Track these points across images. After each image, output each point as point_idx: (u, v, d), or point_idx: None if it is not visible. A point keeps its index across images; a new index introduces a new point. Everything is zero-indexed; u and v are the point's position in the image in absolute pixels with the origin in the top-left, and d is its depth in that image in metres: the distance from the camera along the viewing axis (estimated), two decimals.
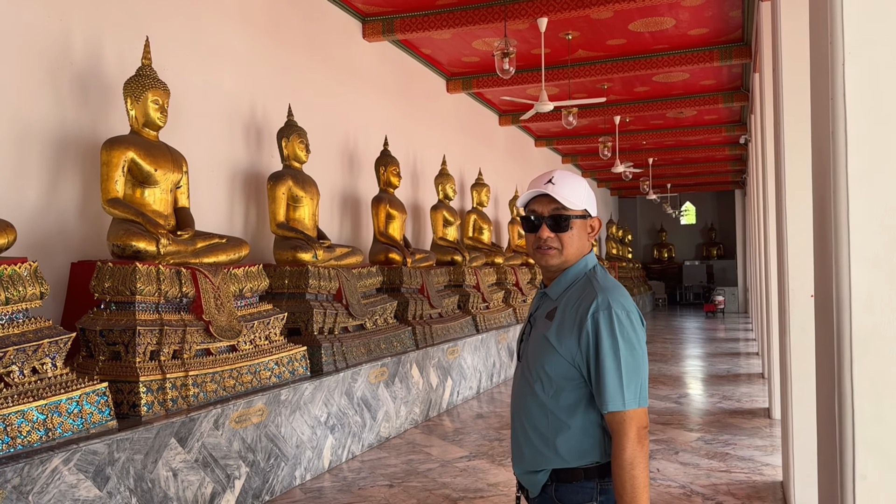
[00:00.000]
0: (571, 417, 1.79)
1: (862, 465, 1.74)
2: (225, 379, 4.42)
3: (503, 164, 13.27)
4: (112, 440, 3.42)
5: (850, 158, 1.74)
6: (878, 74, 1.72)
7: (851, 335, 1.74)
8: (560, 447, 1.80)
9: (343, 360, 5.68)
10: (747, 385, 8.54)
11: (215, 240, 4.79)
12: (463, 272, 9.02)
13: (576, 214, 1.86)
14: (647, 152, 16.80)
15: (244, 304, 4.90)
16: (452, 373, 7.64)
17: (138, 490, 3.54)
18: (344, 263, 6.33)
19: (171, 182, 4.67)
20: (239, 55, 6.15)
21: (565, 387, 1.79)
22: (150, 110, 4.53)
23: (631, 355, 1.72)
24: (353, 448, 5.59)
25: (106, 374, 3.89)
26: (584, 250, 1.90)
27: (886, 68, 1.72)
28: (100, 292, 4.12)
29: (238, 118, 6.14)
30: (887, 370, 1.71)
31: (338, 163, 7.68)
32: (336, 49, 7.66)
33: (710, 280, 24.56)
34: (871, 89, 1.72)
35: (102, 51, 4.83)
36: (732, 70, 10.58)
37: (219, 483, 4.10)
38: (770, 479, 4.79)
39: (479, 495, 4.58)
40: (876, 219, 1.72)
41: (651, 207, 25.82)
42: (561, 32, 8.74)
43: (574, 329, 1.77)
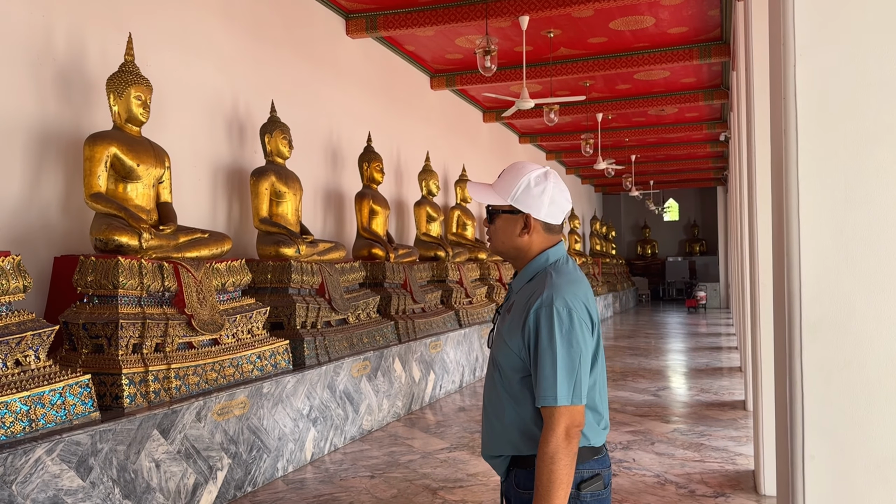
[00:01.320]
0: (522, 406, 1.82)
1: (811, 446, 1.83)
2: (207, 372, 4.48)
3: (487, 160, 13.35)
4: (95, 431, 3.47)
5: (800, 155, 1.82)
6: (827, 75, 1.81)
7: (801, 323, 1.83)
8: (513, 434, 1.85)
9: (325, 354, 5.75)
10: (726, 378, 8.68)
11: (198, 234, 4.84)
12: (446, 267, 9.09)
13: (501, 209, 1.90)
14: (629, 149, 16.96)
15: (226, 298, 4.95)
16: (435, 367, 7.73)
17: (121, 480, 3.60)
18: (327, 258, 6.39)
19: (154, 177, 4.71)
20: (222, 51, 6.19)
21: (514, 378, 1.83)
22: (133, 106, 4.57)
23: (567, 353, 1.73)
24: (336, 440, 5.66)
25: (89, 367, 3.94)
26: (518, 245, 1.91)
27: (835, 69, 1.81)
28: (83, 286, 4.17)
29: (221, 114, 6.18)
30: (834, 356, 1.80)
31: (321, 159, 7.73)
32: (319, 45, 7.71)
33: (693, 276, 24.79)
34: (820, 89, 1.81)
35: (85, 47, 4.86)
36: (712, 68, 10.72)
37: (201, 474, 4.16)
38: (742, 468, 4.91)
39: (459, 485, 4.66)
40: (824, 213, 1.81)
41: (634, 204, 26.01)
42: (543, 30, 8.83)
43: (520, 323, 1.80)
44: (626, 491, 4.45)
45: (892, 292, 1.73)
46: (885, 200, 1.73)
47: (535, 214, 1.88)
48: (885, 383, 1.75)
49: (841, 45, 1.81)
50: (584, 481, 1.82)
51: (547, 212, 1.89)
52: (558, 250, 1.94)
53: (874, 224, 1.74)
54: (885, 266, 1.73)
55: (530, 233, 1.89)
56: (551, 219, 1.90)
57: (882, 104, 1.73)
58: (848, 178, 1.77)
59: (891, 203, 1.72)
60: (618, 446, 5.49)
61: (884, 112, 1.73)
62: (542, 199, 1.87)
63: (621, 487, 4.51)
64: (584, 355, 1.75)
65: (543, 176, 1.89)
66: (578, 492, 1.80)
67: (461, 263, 9.77)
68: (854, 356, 1.78)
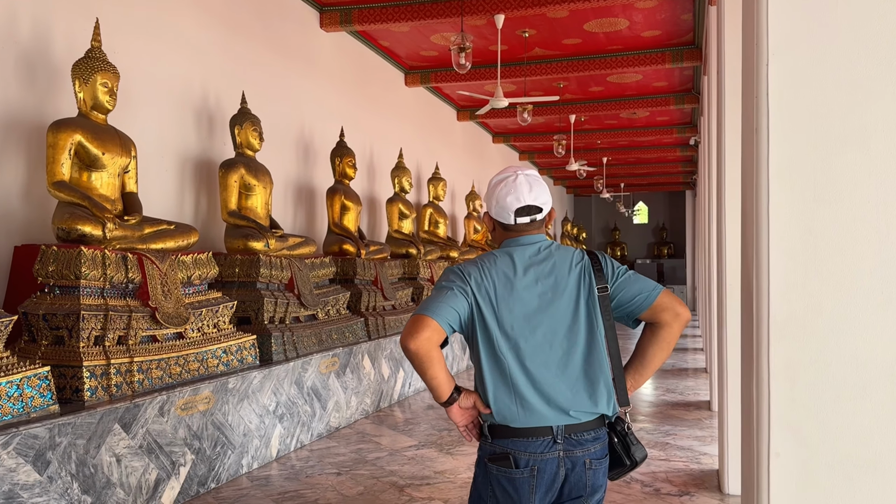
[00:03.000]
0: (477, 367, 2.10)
1: (776, 444, 1.84)
2: (171, 366, 4.40)
3: (460, 159, 13.35)
4: (53, 425, 3.38)
5: (771, 154, 1.83)
6: (798, 75, 1.83)
7: (769, 321, 1.84)
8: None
9: (294, 350, 5.68)
10: (691, 379, 8.78)
11: (163, 226, 4.75)
12: (417, 265, 9.07)
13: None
14: (601, 151, 17.08)
15: (192, 291, 4.87)
16: (405, 364, 7.69)
17: (80, 475, 3.51)
18: (297, 253, 6.32)
19: (119, 166, 4.62)
20: (192, 40, 6.09)
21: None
22: (99, 93, 4.46)
23: (436, 288, 2.08)
24: (302, 437, 5.60)
25: (48, 359, 3.84)
26: (492, 237, 2.22)
27: (806, 70, 1.82)
28: (43, 276, 4.06)
29: (190, 104, 6.08)
30: (801, 354, 1.82)
31: (293, 152, 7.65)
32: (293, 38, 7.63)
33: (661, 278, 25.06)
34: (791, 89, 1.82)
35: (51, 31, 4.74)
36: (684, 72, 10.83)
37: (163, 469, 4.09)
38: (707, 467, 4.96)
39: (427, 482, 4.64)
40: (794, 212, 1.82)
41: (605, 206, 26.23)
42: (518, 30, 8.84)
43: None
44: None
45: (858, 291, 1.75)
46: (854, 200, 1.74)
47: (490, 213, 2.16)
48: (849, 381, 1.76)
49: (813, 46, 1.82)
50: (494, 456, 2.01)
51: (495, 212, 2.12)
52: (511, 242, 2.13)
53: (842, 224, 1.75)
54: (851, 265, 1.75)
55: (493, 229, 2.19)
56: (500, 218, 2.12)
57: (852, 105, 1.75)
58: (817, 178, 1.78)
59: (859, 203, 1.74)
60: None
61: (853, 113, 1.75)
62: (491, 202, 2.13)
63: None
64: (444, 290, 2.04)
65: (500, 181, 2.11)
66: (487, 464, 2.03)
67: (433, 261, 9.75)
68: (820, 354, 1.79)
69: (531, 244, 2.11)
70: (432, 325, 1.96)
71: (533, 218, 2.10)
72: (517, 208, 2.08)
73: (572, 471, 2.01)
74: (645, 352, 2.19)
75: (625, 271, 2.14)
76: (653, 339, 2.16)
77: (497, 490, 2.01)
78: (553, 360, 2.02)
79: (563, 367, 2.02)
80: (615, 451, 2.12)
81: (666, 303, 2.11)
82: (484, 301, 2.03)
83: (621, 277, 2.12)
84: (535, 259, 2.08)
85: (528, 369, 2.00)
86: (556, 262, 2.08)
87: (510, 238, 2.13)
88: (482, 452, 2.07)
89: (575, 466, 2.01)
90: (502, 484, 2.00)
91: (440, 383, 2.02)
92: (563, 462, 2.00)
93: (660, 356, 2.17)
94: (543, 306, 2.04)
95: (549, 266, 2.07)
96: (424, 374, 2.00)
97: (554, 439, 1.99)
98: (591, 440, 2.04)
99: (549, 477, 1.99)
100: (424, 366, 1.98)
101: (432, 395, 2.06)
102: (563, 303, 2.05)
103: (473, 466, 2.16)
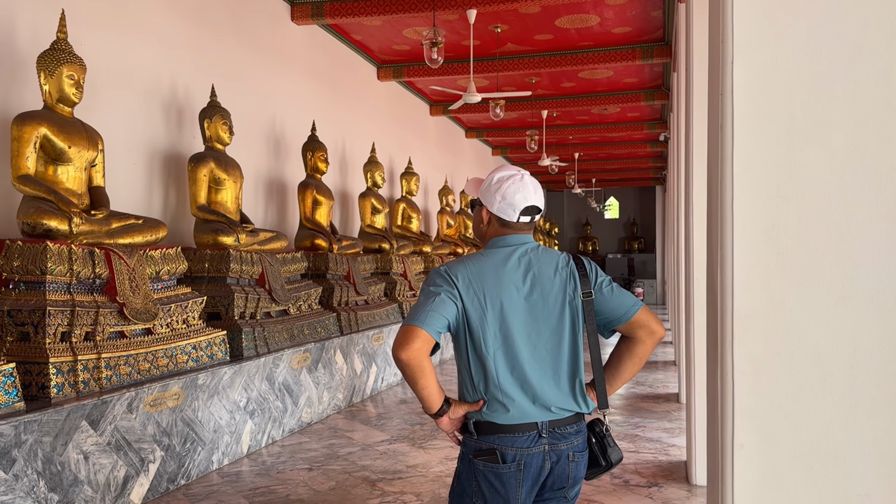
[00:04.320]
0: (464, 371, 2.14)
1: (740, 435, 1.88)
2: (139, 362, 4.35)
3: (433, 154, 13.34)
4: (19, 422, 3.33)
5: (735, 150, 1.87)
6: (763, 73, 1.86)
7: (733, 315, 1.88)
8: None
9: (265, 345, 5.65)
10: (661, 372, 8.90)
11: (131, 220, 4.69)
12: (390, 260, 9.06)
13: (476, 201, 2.25)
14: (573, 147, 17.19)
15: (161, 286, 4.82)
16: (377, 359, 7.69)
17: (46, 473, 3.46)
18: (268, 248, 6.28)
19: (86, 160, 4.54)
20: (160, 32, 6.00)
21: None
22: (65, 86, 4.39)
23: (422, 294, 2.08)
24: (274, 433, 5.58)
25: (13, 355, 3.77)
26: (481, 233, 2.25)
27: (771, 67, 1.85)
28: (8, 271, 3.99)
29: (158, 97, 5.99)
30: (764, 347, 1.85)
31: (263, 146, 7.59)
32: (263, 31, 7.56)
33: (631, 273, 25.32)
34: (756, 87, 1.86)
35: (15, 22, 4.65)
36: (654, 69, 10.94)
37: (132, 467, 4.04)
38: (675, 458, 5.03)
39: (398, 476, 4.65)
40: (757, 207, 1.85)
41: (577, 201, 26.40)
42: (490, 25, 8.86)
43: None
44: None
45: (819, 286, 1.79)
46: (815, 196, 1.78)
47: (490, 208, 2.17)
48: (810, 374, 1.81)
49: (777, 45, 1.85)
50: (480, 452, 2.04)
51: (497, 207, 2.14)
52: (500, 240, 2.16)
53: (804, 219, 1.79)
54: (813, 260, 1.79)
55: (487, 225, 2.20)
56: (502, 214, 2.14)
57: (814, 101, 1.79)
58: (780, 174, 1.81)
59: (820, 198, 1.78)
60: None
61: (815, 109, 1.79)
62: (494, 196, 2.15)
63: None
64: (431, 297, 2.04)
65: (507, 177, 2.15)
66: (472, 460, 2.05)
67: (405, 256, 9.75)
68: (783, 348, 1.83)
69: (522, 244, 2.16)
70: (422, 336, 1.97)
71: (532, 217, 2.18)
72: (525, 207, 2.14)
73: (557, 463, 2.08)
74: (619, 364, 2.30)
75: (609, 282, 2.23)
76: (627, 353, 2.27)
77: (483, 485, 2.04)
78: (538, 359, 2.08)
79: (547, 367, 2.09)
80: (592, 451, 2.19)
81: (643, 320, 2.20)
82: (471, 302, 2.05)
83: (605, 287, 2.19)
84: (524, 259, 2.13)
85: (514, 368, 2.05)
86: (543, 264, 2.13)
87: (505, 235, 2.16)
88: (466, 449, 2.09)
89: (560, 459, 2.08)
90: (489, 479, 2.03)
91: (430, 393, 2.04)
92: (549, 456, 2.06)
93: (631, 370, 2.28)
94: (530, 307, 2.08)
95: (536, 267, 2.12)
96: (415, 384, 2.02)
97: (539, 434, 2.05)
98: (574, 433, 2.12)
99: (535, 470, 2.05)
100: (416, 376, 2.00)
101: (422, 405, 2.07)
102: (549, 304, 2.10)
103: (445, 461, 2.22)
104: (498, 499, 2.04)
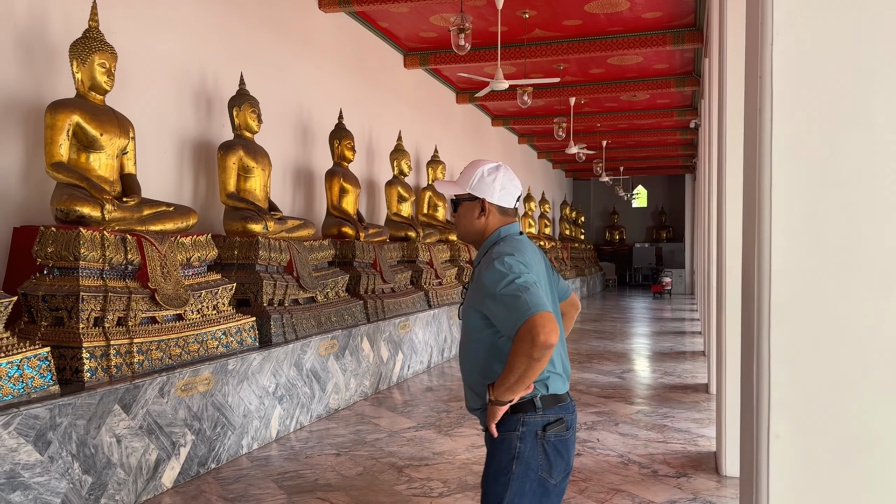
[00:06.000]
0: (498, 362, 2.12)
1: (776, 426, 1.84)
2: (171, 347, 4.40)
3: (459, 142, 13.30)
4: (54, 405, 3.39)
5: (774, 134, 1.82)
6: (803, 55, 1.81)
7: (770, 303, 1.84)
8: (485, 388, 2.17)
9: (293, 332, 5.69)
10: (689, 362, 8.81)
11: (162, 207, 4.73)
12: (416, 248, 9.06)
13: (462, 198, 2.28)
14: (600, 135, 17.02)
15: (192, 273, 4.86)
16: (403, 347, 7.71)
17: (80, 455, 3.52)
18: (295, 236, 6.31)
19: (118, 147, 4.59)
20: (190, 21, 6.04)
21: (485, 337, 2.14)
22: (97, 73, 4.43)
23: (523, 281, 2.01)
24: (302, 418, 5.62)
25: (48, 340, 3.84)
26: (477, 227, 2.27)
27: (811, 49, 1.80)
28: (42, 257, 4.05)
29: (188, 85, 6.04)
30: (801, 337, 1.81)
31: (291, 135, 7.61)
32: (291, 19, 7.57)
33: (659, 262, 25.08)
34: (796, 69, 1.81)
35: (48, 11, 4.70)
36: (685, 55, 10.77)
37: (164, 450, 4.10)
38: (704, 449, 4.98)
39: (425, 463, 4.66)
40: (796, 192, 1.81)
41: (604, 190, 26.18)
42: (518, 11, 8.78)
43: (479, 286, 2.13)
44: (589, 470, 4.49)
45: (860, 273, 1.74)
46: (857, 182, 1.73)
47: (489, 199, 2.24)
48: (850, 364, 1.76)
49: (819, 25, 1.80)
50: (550, 424, 2.14)
51: (499, 196, 2.24)
52: (510, 228, 2.28)
53: (845, 205, 1.74)
54: (854, 246, 1.74)
55: (487, 215, 2.25)
56: (504, 202, 2.26)
57: (856, 84, 1.74)
58: (821, 160, 1.77)
59: (862, 184, 1.73)
60: (583, 426, 5.54)
61: (858, 93, 1.74)
62: (493, 186, 2.24)
63: (585, 466, 4.55)
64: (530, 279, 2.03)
65: (495, 168, 2.26)
66: (544, 433, 2.12)
67: (431, 244, 9.74)
68: (821, 337, 1.79)
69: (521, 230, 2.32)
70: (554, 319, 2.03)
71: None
72: (518, 194, 2.28)
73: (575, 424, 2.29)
74: None
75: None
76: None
77: (551, 455, 2.14)
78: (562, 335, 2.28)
79: (563, 342, 2.30)
80: None
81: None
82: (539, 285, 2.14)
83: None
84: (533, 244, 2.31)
85: (561, 344, 2.23)
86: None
87: (510, 223, 2.28)
88: (529, 427, 2.11)
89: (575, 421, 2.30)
90: (557, 448, 2.15)
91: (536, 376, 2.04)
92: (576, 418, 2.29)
93: None
94: (551, 289, 2.29)
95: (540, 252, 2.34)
96: (542, 364, 1.98)
97: (572, 400, 2.27)
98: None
99: (575, 431, 2.25)
100: (546, 357, 1.97)
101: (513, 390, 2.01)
102: (553, 286, 2.34)
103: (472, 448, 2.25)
104: (560, 464, 2.16)
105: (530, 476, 2.11)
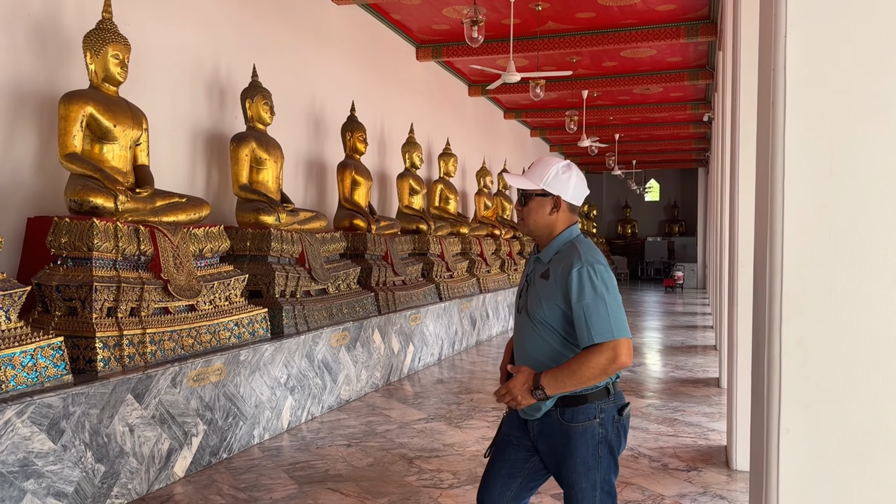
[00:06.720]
0: (570, 353, 2.24)
1: (787, 420, 1.84)
2: (183, 338, 4.43)
3: (471, 134, 13.28)
4: (67, 394, 3.43)
5: (787, 127, 1.81)
6: (817, 46, 1.79)
7: (782, 297, 1.83)
8: None
9: (304, 323, 5.71)
10: (700, 356, 8.78)
11: (175, 199, 4.76)
12: (428, 241, 9.07)
13: (535, 193, 2.30)
14: (613, 128, 16.94)
15: (204, 264, 4.89)
16: (414, 339, 7.73)
17: (93, 444, 3.56)
18: (307, 228, 6.33)
19: (131, 139, 4.62)
20: (203, 13, 6.05)
21: (558, 329, 2.24)
22: (111, 65, 4.45)
23: (614, 299, 2.16)
24: (313, 409, 5.65)
25: (62, 329, 3.88)
26: (548, 222, 2.31)
27: (825, 42, 1.79)
28: (56, 248, 4.09)
29: (201, 77, 6.06)
30: (813, 330, 1.80)
31: (303, 127, 7.63)
32: (304, 11, 7.57)
33: (671, 256, 24.98)
34: (809, 61, 1.79)
35: (62, 3, 4.72)
36: (698, 48, 10.69)
37: (176, 440, 4.14)
38: (715, 443, 4.97)
39: (435, 455, 4.68)
40: (809, 187, 1.80)
41: (616, 183, 26.08)
42: (531, 3, 8.74)
43: (562, 284, 2.20)
44: None
45: (873, 267, 1.73)
46: (871, 175, 1.72)
47: (563, 196, 2.30)
48: (862, 358, 1.75)
49: (832, 16, 1.78)
50: (623, 407, 2.29)
51: (572, 194, 2.31)
52: (576, 228, 2.38)
53: (858, 198, 1.73)
54: (867, 240, 1.73)
55: (559, 212, 2.31)
56: (575, 201, 2.33)
57: (870, 76, 1.72)
58: (834, 152, 1.75)
59: (876, 177, 1.71)
60: None
61: (872, 86, 1.72)
62: (568, 184, 2.30)
63: None
64: (619, 298, 2.19)
65: (567, 166, 2.32)
66: (620, 416, 2.27)
67: (443, 237, 9.75)
68: (833, 330, 1.78)
69: None
70: None
71: None
72: (587, 194, 2.41)
73: None
74: None
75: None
76: None
77: (623, 436, 2.30)
78: None
79: None
80: None
81: None
82: None
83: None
84: None
85: None
86: None
87: (574, 223, 2.37)
88: (608, 411, 2.25)
89: None
90: (626, 427, 2.31)
91: None
92: None
93: None
94: None
95: None
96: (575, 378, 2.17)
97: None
98: None
99: None
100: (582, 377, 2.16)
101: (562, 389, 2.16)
102: None
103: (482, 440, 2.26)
104: (624, 442, 2.32)
105: (614, 456, 2.27)
